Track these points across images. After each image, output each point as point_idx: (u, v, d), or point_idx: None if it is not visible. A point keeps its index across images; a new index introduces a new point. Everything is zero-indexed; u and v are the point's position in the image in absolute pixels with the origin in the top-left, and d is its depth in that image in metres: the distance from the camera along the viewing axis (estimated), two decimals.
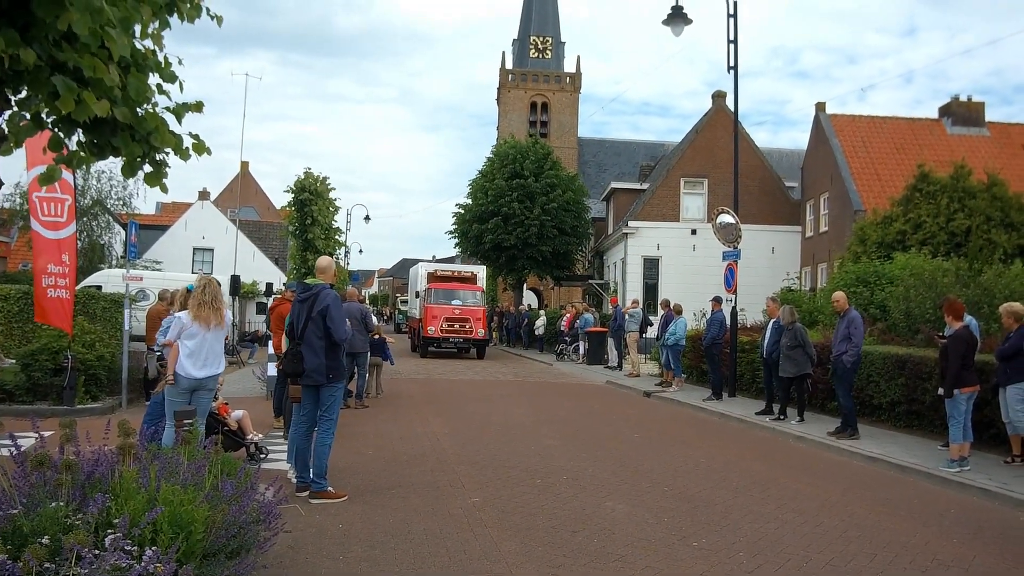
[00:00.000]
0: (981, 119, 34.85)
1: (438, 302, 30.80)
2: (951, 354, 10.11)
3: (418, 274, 34.81)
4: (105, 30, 3.71)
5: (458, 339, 30.80)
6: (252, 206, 66.18)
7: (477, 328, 30.80)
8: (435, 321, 30.13)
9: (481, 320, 31.20)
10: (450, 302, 30.88)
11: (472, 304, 31.50)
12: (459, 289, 32.26)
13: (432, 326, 30.11)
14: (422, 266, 35.58)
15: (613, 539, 6.83)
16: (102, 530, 4.37)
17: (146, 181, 4.64)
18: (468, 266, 38.29)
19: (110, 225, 36.25)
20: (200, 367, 8.00)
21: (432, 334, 30.22)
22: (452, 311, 30.48)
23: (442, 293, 31.45)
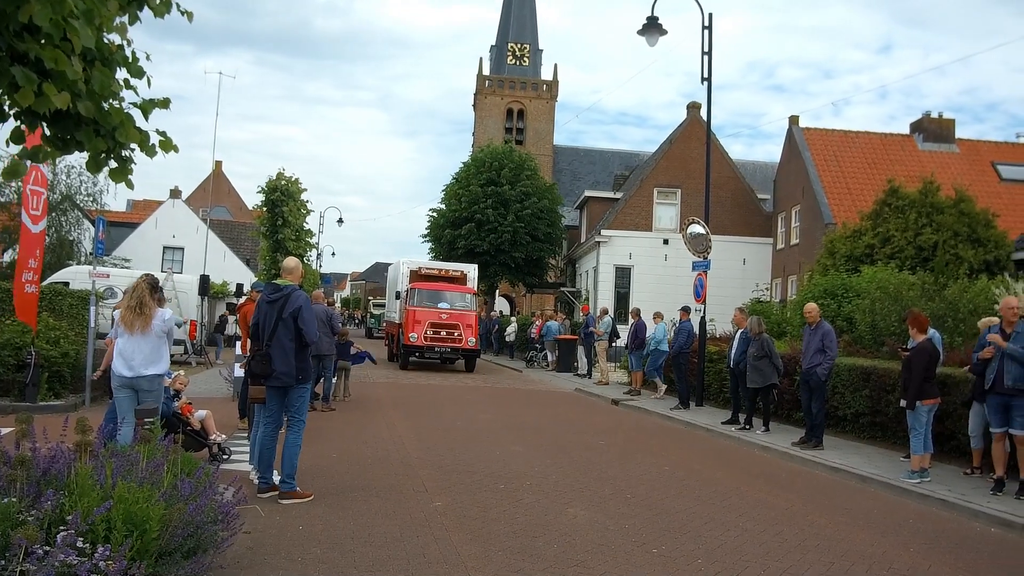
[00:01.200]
0: (951, 136, 35.32)
1: (422, 304, 26.92)
2: (914, 366, 10.22)
3: (399, 271, 30.35)
4: (68, 21, 3.68)
5: (444, 348, 26.71)
6: (224, 206, 65.77)
7: (467, 336, 26.82)
8: (418, 327, 26.29)
9: (472, 327, 27.17)
10: (436, 305, 27.04)
11: (461, 308, 27.50)
12: (447, 290, 28.20)
13: (414, 332, 26.24)
14: (404, 262, 30.39)
15: (573, 545, 6.84)
16: (55, 527, 4.33)
17: (111, 177, 4.60)
18: (457, 264, 33.23)
19: (79, 221, 35.86)
20: (127, 367, 7.92)
21: (414, 342, 26.22)
22: (438, 315, 26.67)
23: (427, 294, 27.55)
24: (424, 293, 27.52)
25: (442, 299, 27.42)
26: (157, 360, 8.09)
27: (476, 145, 61.32)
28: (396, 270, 31.62)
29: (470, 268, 31.07)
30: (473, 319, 27.46)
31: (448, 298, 27.59)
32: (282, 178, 32.34)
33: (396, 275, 31.21)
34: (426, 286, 28.06)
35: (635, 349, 20.92)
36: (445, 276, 29.80)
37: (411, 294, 27.43)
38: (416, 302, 26.96)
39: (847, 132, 35.74)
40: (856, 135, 35.54)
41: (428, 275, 29.48)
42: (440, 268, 30.68)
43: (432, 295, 27.54)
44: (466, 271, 30.59)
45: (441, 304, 27.11)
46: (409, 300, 27.26)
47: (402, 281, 29.21)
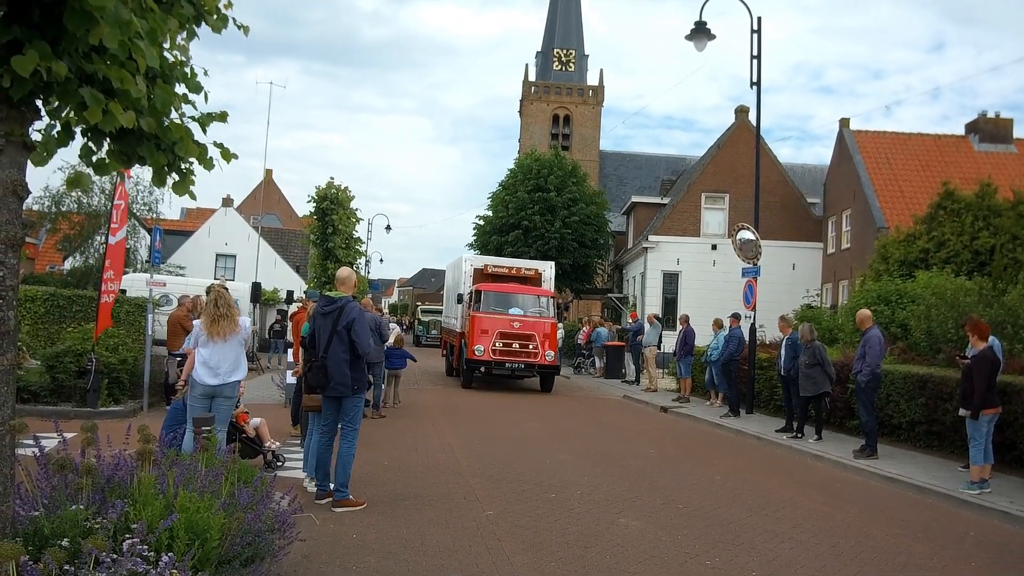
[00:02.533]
0: (1009, 136, 34.59)
1: (489, 310, 22.72)
2: (977, 375, 10.01)
3: (460, 271, 26.02)
4: (133, 42, 3.77)
5: (517, 364, 22.19)
6: (275, 214, 66.61)
7: (544, 349, 22.29)
8: (484, 337, 21.98)
9: (550, 338, 22.63)
10: (507, 311, 22.79)
11: (536, 314, 23.18)
12: (519, 293, 23.87)
13: (480, 344, 21.92)
14: (467, 259, 26.19)
15: (625, 556, 6.82)
16: (120, 534, 4.42)
17: (174, 190, 4.70)
18: (531, 261, 28.76)
19: (136, 229, 36.46)
20: (213, 375, 8.08)
21: (480, 355, 21.86)
22: (509, 324, 22.25)
23: (495, 298, 23.26)
24: (492, 296, 23.21)
25: (513, 303, 23.18)
26: (239, 367, 8.29)
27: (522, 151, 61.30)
28: (457, 269, 27.07)
29: (546, 266, 26.45)
30: (551, 328, 22.82)
31: (521, 302, 23.32)
32: (332, 187, 32.57)
33: (457, 275, 26.82)
34: (494, 288, 23.66)
35: (684, 356, 20.79)
36: (516, 276, 25.37)
37: (475, 297, 23.20)
38: (482, 307, 22.73)
39: (899, 134, 35.18)
40: (908, 137, 34.97)
41: (496, 274, 25.22)
42: (510, 266, 26.08)
43: (501, 299, 23.23)
44: (541, 269, 26.06)
45: (513, 310, 22.87)
46: (473, 305, 23.03)
47: (464, 282, 25.02)
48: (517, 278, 25.32)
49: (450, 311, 28.11)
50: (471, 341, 22.22)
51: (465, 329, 23.32)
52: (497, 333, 21.99)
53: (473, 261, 25.88)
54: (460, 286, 25.19)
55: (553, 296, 23.98)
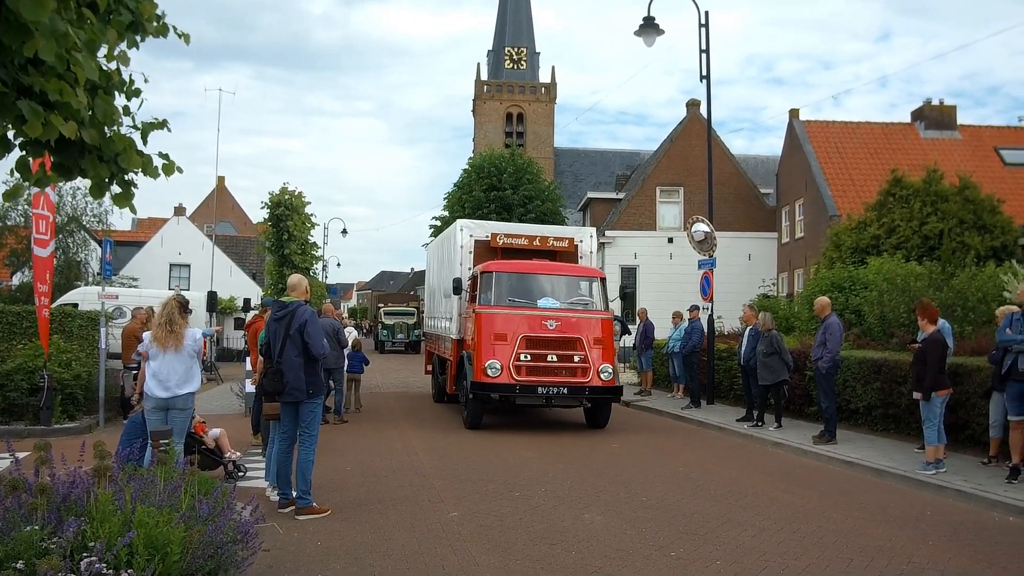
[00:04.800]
0: (953, 122, 35.21)
1: (507, 303, 14.82)
2: (929, 358, 10.18)
3: (453, 245, 17.42)
4: (71, 54, 3.71)
5: (555, 387, 14.20)
6: (229, 221, 65.90)
7: (596, 362, 14.45)
8: (501, 347, 14.24)
9: (604, 344, 14.83)
10: (534, 303, 14.92)
11: (580, 306, 15.36)
12: (552, 274, 15.76)
13: (495, 358, 14.10)
14: (464, 228, 17.33)
15: (591, 551, 6.85)
16: (77, 553, 4.35)
17: (115, 202, 4.62)
18: (561, 228, 21.45)
19: (86, 242, 35.97)
20: (163, 388, 7.99)
21: (495, 377, 14.02)
22: (539, 324, 14.46)
23: (515, 283, 15.25)
24: (510, 281, 15.13)
25: (544, 291, 15.20)
26: (191, 379, 8.18)
27: (476, 151, 61.30)
28: (447, 245, 18.62)
29: (584, 234, 17.62)
30: (604, 328, 14.91)
31: (554, 289, 15.28)
32: (286, 192, 32.28)
33: (448, 253, 18.29)
34: (513, 267, 15.47)
35: (644, 349, 20.90)
36: (541, 249, 16.80)
37: (483, 284, 15.06)
38: (495, 299, 14.75)
39: (848, 123, 35.67)
40: (857, 126, 35.47)
41: (510, 248, 16.69)
42: (531, 235, 17.20)
43: (524, 284, 15.24)
44: (579, 238, 17.30)
45: (543, 301, 14.87)
46: (480, 296, 14.98)
47: (462, 262, 16.65)
48: (542, 252, 16.69)
49: (437, 308, 19.49)
50: (480, 353, 14.14)
51: (468, 335, 15.24)
52: (521, 339, 14.01)
53: (474, 230, 17.07)
54: (455, 268, 16.74)
55: (603, 278, 15.86)
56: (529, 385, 14.00)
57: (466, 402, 14.92)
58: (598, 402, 14.91)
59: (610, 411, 15.26)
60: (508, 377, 13.95)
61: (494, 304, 14.68)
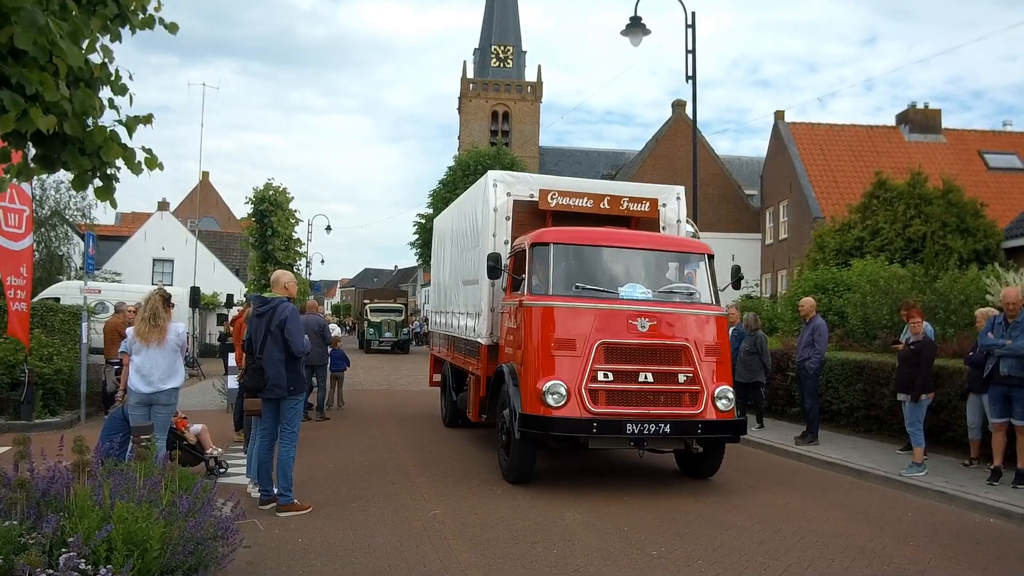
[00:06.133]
0: (938, 126, 35.48)
1: (573, 293, 9.74)
2: (923, 360, 10.22)
3: (483, 207, 11.64)
4: (54, 44, 3.68)
5: (654, 424, 8.99)
6: (212, 216, 65.62)
7: (710, 386, 9.41)
8: (569, 363, 9.17)
9: (719, 354, 9.79)
10: (615, 292, 9.76)
11: (681, 297, 10.24)
12: (640, 247, 10.52)
13: (557, 378, 9.05)
14: (499, 182, 11.56)
15: (572, 549, 6.86)
16: (56, 549, 4.32)
17: (96, 195, 4.59)
18: (639, 185, 13.00)
19: (68, 236, 35.71)
20: (146, 383, 7.94)
21: (558, 407, 8.94)
22: (625, 324, 9.38)
23: (588, 262, 10.23)
24: (578, 259, 10.26)
25: (626, 273, 10.28)
26: (174, 374, 8.13)
27: (462, 149, 61.31)
28: (472, 209, 12.85)
29: (670, 193, 12.29)
30: (716, 329, 9.98)
31: (640, 270, 10.40)
32: (270, 188, 32.11)
33: (471, 220, 12.79)
34: (582, 237, 10.43)
35: None
36: (612, 215, 11.47)
37: (534, 263, 10.18)
38: (553, 286, 9.88)
39: (833, 125, 35.87)
40: (842, 128, 35.66)
41: (568, 211, 11.32)
42: (598, 193, 11.61)
43: (599, 262, 10.34)
44: (663, 199, 12.01)
45: (628, 290, 9.91)
46: (531, 281, 10.05)
47: (496, 232, 11.45)
48: (612, 220, 11.36)
49: (451, 300, 14.20)
50: (533, 370, 9.31)
51: (509, 340, 10.34)
52: (599, 348, 9.19)
53: (513, 185, 11.58)
54: (485, 241, 11.37)
55: (710, 254, 10.87)
56: (612, 420, 8.80)
57: (506, 441, 9.70)
58: (712, 442, 9.70)
59: (723, 455, 10.03)
60: (578, 407, 8.83)
61: (554, 293, 9.57)
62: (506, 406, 9.73)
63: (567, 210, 11.16)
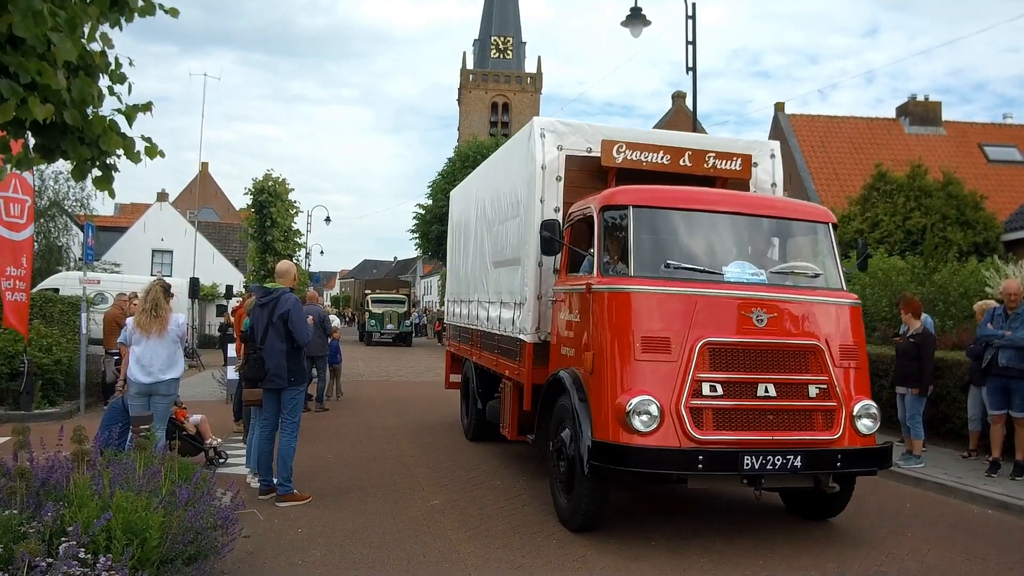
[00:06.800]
0: (938, 118, 35.37)
1: (664, 275, 7.14)
2: (924, 353, 10.25)
3: (527, 161, 8.91)
4: (50, 33, 3.66)
5: (779, 456, 6.50)
6: (212, 207, 65.55)
7: (846, 397, 6.97)
8: (661, 371, 6.66)
9: (854, 356, 7.22)
10: (719, 274, 7.21)
11: (802, 282, 7.61)
12: (746, 213, 7.83)
13: (649, 393, 6.51)
14: (549, 132, 8.79)
15: (571, 539, 6.86)
16: (56, 538, 4.33)
17: (95, 185, 4.57)
18: (725, 139, 10.29)
19: (68, 227, 35.65)
20: (146, 373, 7.94)
21: (648, 435, 6.44)
22: (741, 318, 6.88)
23: (682, 231, 7.68)
24: (668, 227, 7.69)
25: (731, 248, 7.69)
26: (174, 364, 8.13)
27: (461, 140, 61.29)
28: (509, 168, 10.18)
29: (763, 149, 9.48)
30: (850, 326, 7.40)
31: (748, 245, 7.87)
32: (269, 179, 32.06)
33: (509, 181, 10.04)
34: (674, 197, 7.71)
35: None
36: (694, 175, 8.69)
37: (610, 232, 7.63)
38: (636, 263, 7.22)
39: (833, 117, 35.76)
40: (842, 120, 35.57)
41: (639, 169, 8.57)
42: (677, 146, 8.80)
43: (698, 232, 7.73)
44: (756, 157, 9.21)
45: (735, 270, 7.28)
46: (599, 259, 7.49)
47: (542, 195, 8.71)
48: (693, 181, 8.68)
49: (475, 286, 11.81)
50: (607, 381, 6.82)
51: (569, 337, 7.85)
52: (703, 350, 6.72)
53: (565, 137, 8.89)
54: (529, 209, 8.85)
55: (833, 223, 8.53)
56: (724, 452, 6.51)
57: (566, 475, 7.32)
58: (848, 477, 7.33)
59: (850, 494, 7.66)
60: (676, 433, 6.50)
61: (636, 274, 7.13)
62: (565, 427, 7.38)
63: (637, 168, 8.54)
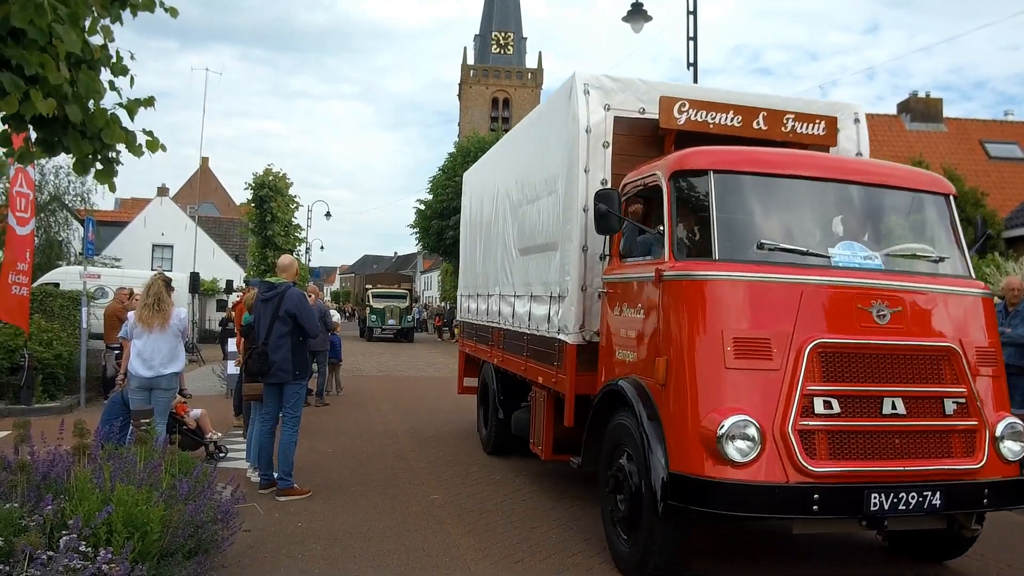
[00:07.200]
0: (939, 115, 35.33)
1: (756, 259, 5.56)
2: None
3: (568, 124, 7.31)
4: (53, 26, 3.67)
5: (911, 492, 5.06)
6: (212, 202, 65.56)
7: (989, 414, 5.45)
8: (758, 382, 5.19)
9: (992, 359, 5.74)
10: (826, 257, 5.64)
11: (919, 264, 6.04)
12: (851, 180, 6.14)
13: (745, 412, 5.02)
14: (595, 89, 7.19)
15: (571, 534, 6.89)
16: (57, 531, 4.35)
17: (96, 179, 4.58)
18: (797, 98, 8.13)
19: (68, 221, 35.63)
20: (147, 367, 7.93)
21: (744, 466, 4.96)
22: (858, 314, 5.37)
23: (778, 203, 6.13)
24: (762, 197, 6.07)
25: (836, 225, 6.07)
26: (175, 359, 8.13)
27: (462, 135, 61.25)
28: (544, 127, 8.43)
29: (846, 112, 7.94)
30: (984, 319, 5.86)
31: (857, 221, 6.17)
32: (269, 174, 32.02)
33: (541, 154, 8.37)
34: (760, 162, 6.12)
35: None
36: (773, 140, 7.11)
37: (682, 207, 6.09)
38: (718, 247, 5.61)
39: None
40: None
41: (709, 134, 6.94)
42: (750, 106, 7.24)
43: (791, 202, 6.12)
44: (841, 119, 7.69)
45: (842, 252, 5.70)
46: (671, 239, 5.85)
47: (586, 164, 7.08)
48: (773, 146, 6.94)
49: (495, 279, 10.41)
50: (686, 394, 5.34)
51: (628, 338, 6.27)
52: (813, 354, 5.20)
53: (613, 94, 7.26)
54: (576, 180, 7.10)
55: (953, 194, 6.41)
56: (844, 488, 5.12)
57: (628, 512, 5.86)
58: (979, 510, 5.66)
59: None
60: (780, 465, 5.09)
61: (722, 257, 5.63)
62: (625, 451, 5.82)
63: (702, 131, 6.93)
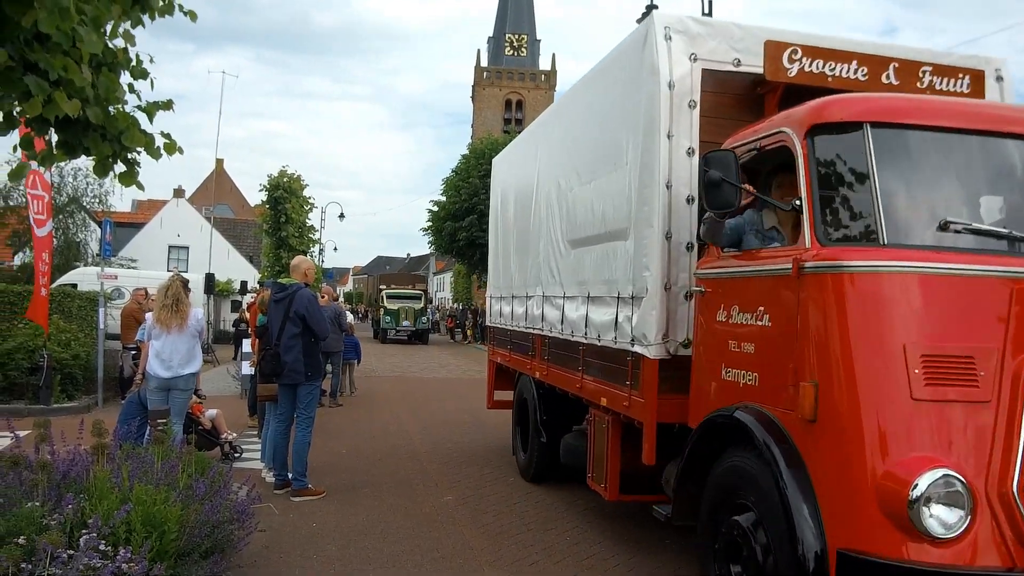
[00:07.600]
0: None
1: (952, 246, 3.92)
2: None
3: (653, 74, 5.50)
4: (76, 29, 3.72)
5: None
6: (227, 204, 65.84)
7: None
8: (973, 442, 3.53)
9: None
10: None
11: None
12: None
13: (947, 465, 3.40)
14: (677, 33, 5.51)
15: (585, 536, 6.90)
16: (77, 530, 4.39)
17: (120, 181, 4.62)
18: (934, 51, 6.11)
19: (86, 223, 35.86)
20: (165, 368, 7.99)
21: (947, 544, 3.33)
22: None
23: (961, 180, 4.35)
24: (941, 161, 4.30)
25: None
26: (193, 359, 8.18)
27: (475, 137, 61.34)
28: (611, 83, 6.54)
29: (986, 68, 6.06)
30: None
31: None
32: (284, 175, 32.11)
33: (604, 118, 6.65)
34: (937, 112, 4.32)
35: None
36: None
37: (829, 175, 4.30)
38: (887, 230, 3.96)
39: None
40: None
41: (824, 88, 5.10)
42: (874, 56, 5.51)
43: (982, 169, 4.42)
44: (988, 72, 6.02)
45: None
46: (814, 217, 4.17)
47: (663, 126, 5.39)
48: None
49: (535, 276, 8.56)
50: (848, 439, 3.67)
51: (744, 353, 4.58)
52: None
53: (703, 42, 5.60)
54: (656, 147, 5.41)
55: None
56: None
57: None
58: None
59: None
60: (1000, 540, 3.41)
61: (891, 243, 3.95)
62: (747, 509, 4.27)
63: (817, 84, 5.29)
